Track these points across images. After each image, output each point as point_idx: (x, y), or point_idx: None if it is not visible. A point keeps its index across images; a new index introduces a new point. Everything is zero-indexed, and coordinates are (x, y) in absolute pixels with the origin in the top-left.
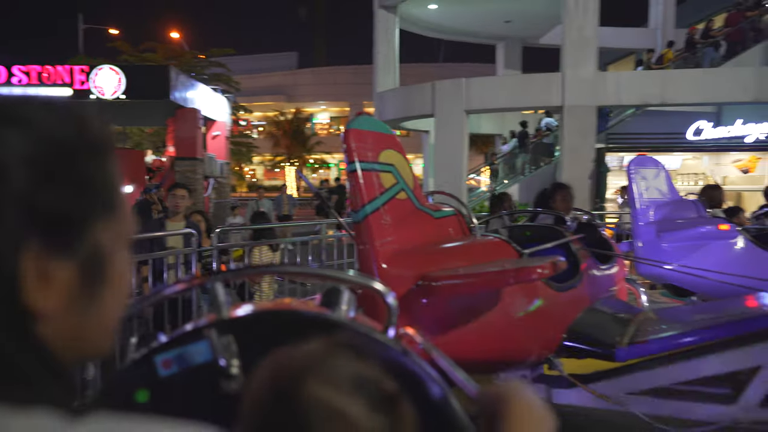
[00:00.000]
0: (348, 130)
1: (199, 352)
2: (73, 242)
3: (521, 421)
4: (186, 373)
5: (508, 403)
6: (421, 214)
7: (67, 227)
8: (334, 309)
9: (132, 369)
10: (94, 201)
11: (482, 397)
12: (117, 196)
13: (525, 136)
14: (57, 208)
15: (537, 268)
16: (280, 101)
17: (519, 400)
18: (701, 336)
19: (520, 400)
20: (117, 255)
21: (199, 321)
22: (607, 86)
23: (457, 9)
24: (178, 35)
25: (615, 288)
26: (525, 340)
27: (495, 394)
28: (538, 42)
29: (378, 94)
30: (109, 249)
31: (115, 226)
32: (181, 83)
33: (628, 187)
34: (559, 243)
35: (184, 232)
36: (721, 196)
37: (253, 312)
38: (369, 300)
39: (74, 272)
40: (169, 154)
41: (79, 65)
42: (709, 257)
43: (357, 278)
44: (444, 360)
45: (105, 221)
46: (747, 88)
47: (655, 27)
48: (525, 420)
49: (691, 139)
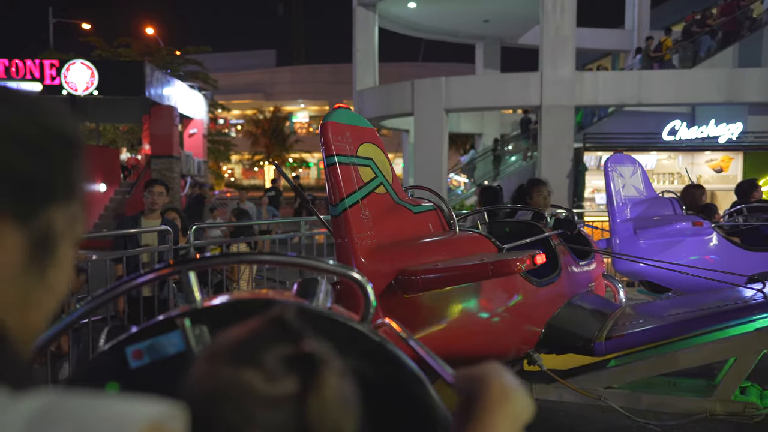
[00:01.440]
0: (325, 123)
1: (172, 343)
2: (28, 211)
3: (499, 402)
4: (158, 364)
5: (485, 383)
6: (400, 209)
7: (28, 193)
8: (310, 299)
9: (101, 360)
10: (54, 181)
11: (458, 377)
12: (78, 187)
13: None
14: (21, 169)
15: (516, 260)
16: (258, 99)
17: (497, 381)
18: (678, 329)
19: (498, 380)
20: (66, 243)
21: (172, 311)
22: (585, 86)
23: (436, 8)
24: (153, 31)
25: (593, 284)
26: (504, 334)
27: (472, 374)
28: (516, 42)
29: (357, 93)
30: (61, 234)
31: (71, 215)
32: (156, 79)
33: (606, 184)
34: (538, 238)
35: (159, 229)
36: (702, 196)
37: (227, 301)
38: (348, 296)
39: (25, 243)
40: (145, 152)
41: (50, 60)
42: (685, 253)
43: (335, 267)
44: (422, 349)
45: (63, 206)
46: (720, 89)
47: (632, 28)
48: (502, 401)
49: (666, 139)
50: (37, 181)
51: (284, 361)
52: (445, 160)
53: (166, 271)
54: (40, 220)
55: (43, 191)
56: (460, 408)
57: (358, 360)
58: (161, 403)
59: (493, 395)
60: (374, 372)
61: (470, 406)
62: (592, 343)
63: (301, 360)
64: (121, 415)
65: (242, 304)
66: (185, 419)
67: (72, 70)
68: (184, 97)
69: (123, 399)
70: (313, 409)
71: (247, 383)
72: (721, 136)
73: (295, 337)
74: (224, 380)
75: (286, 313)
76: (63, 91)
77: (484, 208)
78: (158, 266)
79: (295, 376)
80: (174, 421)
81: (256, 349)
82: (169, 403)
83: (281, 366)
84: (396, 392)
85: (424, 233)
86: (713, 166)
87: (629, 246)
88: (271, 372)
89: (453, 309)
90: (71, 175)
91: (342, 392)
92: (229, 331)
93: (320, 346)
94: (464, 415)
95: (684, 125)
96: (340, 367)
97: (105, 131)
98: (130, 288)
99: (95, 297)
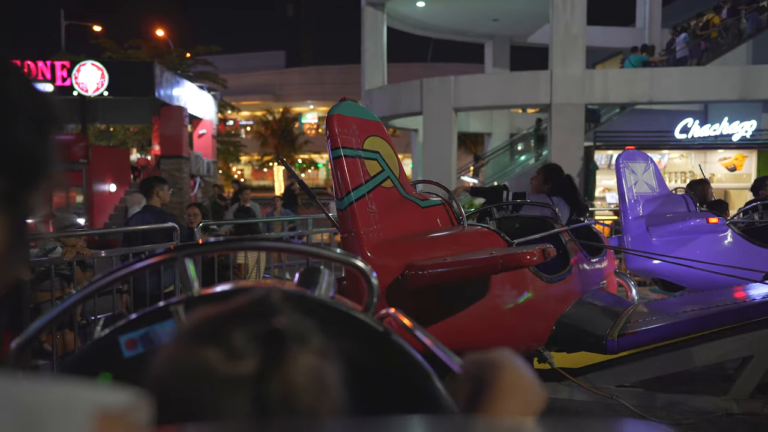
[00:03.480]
0: (331, 115)
1: (166, 332)
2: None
3: (513, 387)
4: (152, 353)
5: (498, 368)
6: (407, 203)
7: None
8: (312, 288)
9: (94, 349)
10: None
11: (468, 363)
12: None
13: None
14: None
15: (526, 254)
16: (267, 100)
17: (510, 366)
18: (692, 327)
19: (512, 365)
20: None
21: (169, 300)
22: (595, 84)
23: (445, 7)
24: (163, 33)
25: (605, 281)
26: (514, 331)
27: (483, 359)
28: (526, 41)
29: (366, 92)
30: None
31: (39, 197)
32: (165, 80)
33: (617, 181)
34: (548, 234)
35: (165, 227)
36: (708, 190)
37: (225, 289)
38: (353, 292)
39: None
40: (155, 152)
41: (61, 61)
42: (699, 251)
43: (338, 255)
44: (428, 338)
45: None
46: (733, 87)
47: (642, 26)
48: (517, 385)
49: (678, 137)
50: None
51: (251, 338)
52: (454, 160)
53: (163, 257)
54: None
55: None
56: (468, 394)
57: (360, 349)
58: (123, 391)
59: (508, 379)
60: (377, 362)
61: (482, 390)
62: (604, 341)
63: (268, 338)
64: (70, 401)
65: (241, 292)
66: (148, 410)
67: (83, 71)
68: (194, 98)
69: (77, 385)
70: (275, 388)
71: (206, 362)
72: (734, 134)
73: (269, 314)
74: (182, 359)
75: (269, 293)
76: (74, 92)
77: (491, 205)
78: (156, 252)
79: (259, 354)
80: (135, 411)
81: (223, 327)
82: (131, 392)
83: (247, 344)
84: (399, 382)
85: (432, 228)
86: (726, 165)
87: (642, 243)
88: (234, 350)
89: (461, 304)
90: (48, 159)
91: (316, 373)
92: (202, 309)
93: (297, 325)
94: (474, 399)
95: (696, 123)
96: (319, 347)
97: (115, 132)
98: (126, 274)
99: (90, 283)
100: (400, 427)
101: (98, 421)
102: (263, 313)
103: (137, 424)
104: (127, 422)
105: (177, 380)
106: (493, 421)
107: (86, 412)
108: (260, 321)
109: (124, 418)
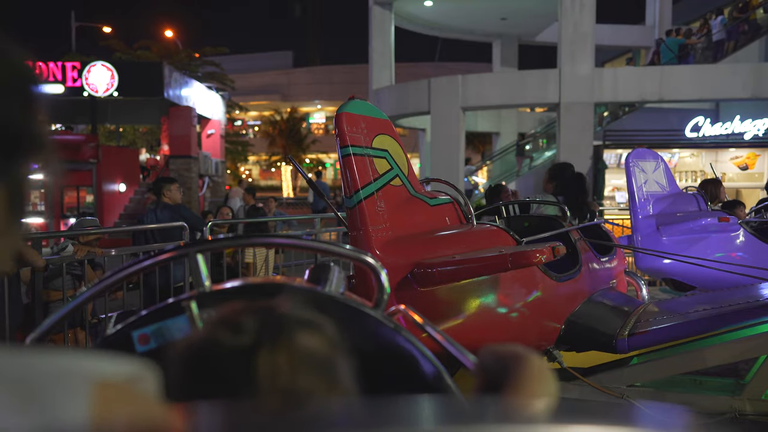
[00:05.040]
0: (340, 113)
1: (178, 327)
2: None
3: (539, 377)
4: (164, 348)
5: (521, 360)
6: (416, 201)
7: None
8: (323, 284)
9: (108, 345)
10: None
11: (486, 354)
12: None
13: None
14: None
15: (536, 252)
16: (275, 100)
17: (534, 359)
18: (704, 326)
19: (533, 358)
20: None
21: (180, 296)
22: (605, 83)
23: (453, 6)
24: (172, 34)
25: (615, 281)
26: (523, 330)
27: (502, 352)
28: (534, 39)
29: (374, 92)
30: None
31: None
32: (174, 80)
33: (627, 180)
34: (558, 233)
35: (175, 225)
36: (720, 190)
37: (236, 285)
38: (362, 290)
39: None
40: (164, 152)
41: (71, 62)
42: (710, 250)
43: (347, 251)
44: (440, 335)
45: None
46: (745, 85)
47: (653, 24)
48: (542, 376)
49: (689, 136)
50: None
51: (255, 318)
52: (462, 159)
53: (174, 253)
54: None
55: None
56: (482, 386)
57: (370, 345)
58: (127, 361)
59: (533, 370)
60: (387, 358)
61: (500, 382)
62: (614, 340)
63: (269, 318)
64: (70, 369)
65: (251, 288)
66: (154, 381)
67: (93, 71)
68: (202, 98)
69: (81, 354)
70: (263, 363)
71: (215, 336)
72: (746, 132)
73: (276, 299)
74: (197, 336)
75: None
76: (84, 92)
77: (501, 202)
78: (167, 248)
79: (257, 331)
80: (139, 382)
81: (238, 312)
82: (136, 363)
83: (251, 323)
84: (410, 378)
85: (441, 226)
86: (738, 164)
87: (652, 243)
88: (238, 327)
89: (470, 303)
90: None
91: (315, 357)
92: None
93: (303, 312)
94: (490, 391)
95: (708, 122)
96: (329, 337)
97: (125, 132)
98: (136, 271)
99: (101, 280)
100: None
101: (98, 389)
102: (272, 298)
103: (142, 394)
104: (130, 391)
105: (189, 352)
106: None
107: (85, 378)
108: (268, 304)
109: (127, 387)
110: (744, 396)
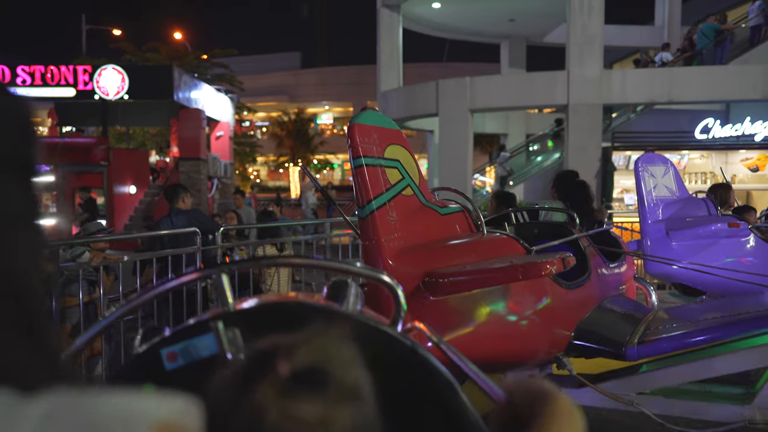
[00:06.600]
0: (353, 125)
1: (205, 345)
2: None
3: (568, 417)
4: (192, 366)
5: (550, 397)
6: (427, 211)
7: None
8: (341, 302)
9: (137, 362)
10: None
11: (514, 386)
12: None
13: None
14: None
15: (546, 263)
16: (283, 101)
17: (563, 398)
18: (714, 334)
19: (564, 398)
20: None
21: (204, 314)
22: (613, 85)
23: (461, 7)
24: (181, 36)
25: (624, 287)
26: (533, 338)
27: (531, 386)
28: (542, 41)
29: (382, 94)
30: None
31: None
32: (184, 83)
33: (636, 185)
34: (567, 240)
35: (187, 231)
36: (730, 195)
37: (259, 304)
38: (374, 298)
39: None
40: (173, 154)
41: (83, 65)
42: (720, 255)
43: (365, 270)
44: (455, 354)
45: None
46: (756, 86)
47: (662, 25)
48: (570, 417)
49: (699, 138)
50: None
51: None
52: (470, 161)
53: (199, 275)
54: None
55: None
56: (506, 418)
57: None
58: (174, 398)
59: (562, 410)
60: (404, 376)
61: (527, 417)
62: (623, 348)
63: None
64: (131, 413)
65: (273, 307)
66: (199, 415)
67: (104, 75)
68: (211, 100)
69: (135, 396)
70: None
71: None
72: (757, 134)
73: None
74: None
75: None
76: (95, 95)
77: (509, 209)
78: (190, 269)
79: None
80: (187, 417)
81: None
82: (182, 399)
83: None
84: (426, 396)
85: (452, 235)
86: (749, 165)
87: (661, 248)
88: None
89: (481, 312)
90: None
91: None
92: None
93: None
94: (515, 425)
95: (717, 123)
96: (335, 393)
97: (134, 134)
98: (163, 291)
99: (128, 301)
100: None
101: (156, 430)
102: None
103: (189, 429)
104: (183, 429)
105: None
106: None
107: (145, 420)
108: None
109: (178, 425)
110: (754, 405)
